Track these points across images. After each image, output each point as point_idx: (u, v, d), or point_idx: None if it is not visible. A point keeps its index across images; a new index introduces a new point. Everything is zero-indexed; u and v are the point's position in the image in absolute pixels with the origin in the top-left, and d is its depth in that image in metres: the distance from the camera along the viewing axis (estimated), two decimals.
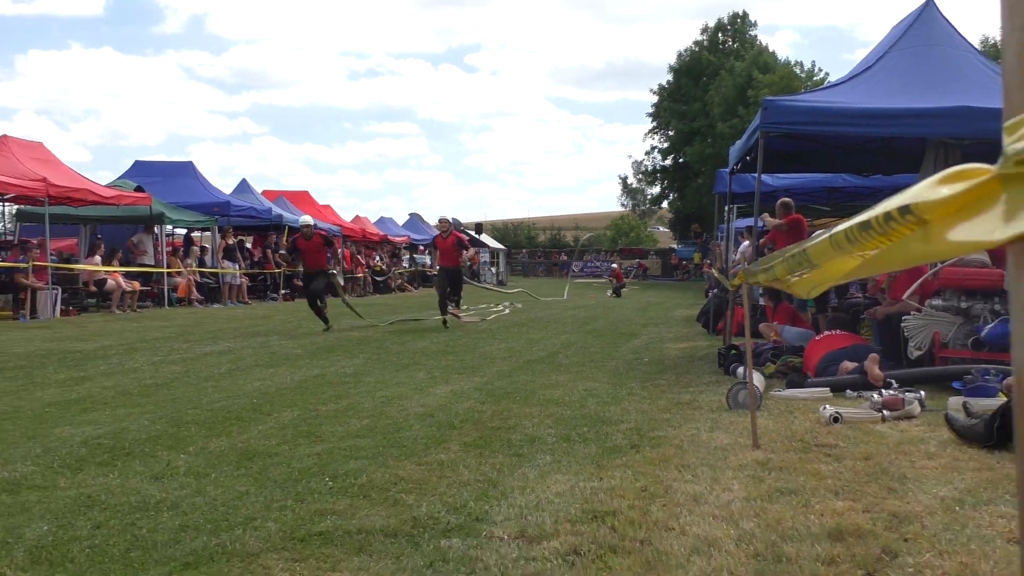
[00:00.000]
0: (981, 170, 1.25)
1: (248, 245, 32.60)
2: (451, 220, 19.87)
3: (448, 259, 18.72)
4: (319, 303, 17.19)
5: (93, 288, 23.32)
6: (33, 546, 4.05)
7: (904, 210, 1.49)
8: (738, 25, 69.14)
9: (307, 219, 18.00)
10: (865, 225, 1.77)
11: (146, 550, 3.99)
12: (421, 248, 53.71)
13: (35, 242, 21.92)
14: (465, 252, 19.04)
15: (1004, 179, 1.17)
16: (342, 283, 21.40)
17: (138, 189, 26.20)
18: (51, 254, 22.41)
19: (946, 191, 1.33)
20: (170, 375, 10.27)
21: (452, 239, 18.55)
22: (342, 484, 5.14)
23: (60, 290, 21.67)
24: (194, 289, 27.01)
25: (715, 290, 18.56)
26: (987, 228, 1.21)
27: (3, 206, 24.87)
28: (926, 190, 1.41)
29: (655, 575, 3.64)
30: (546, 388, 9.15)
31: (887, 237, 1.67)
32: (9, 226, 26.62)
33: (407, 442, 6.37)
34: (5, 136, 23.41)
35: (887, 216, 1.59)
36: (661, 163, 72.91)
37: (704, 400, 8.34)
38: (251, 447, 6.22)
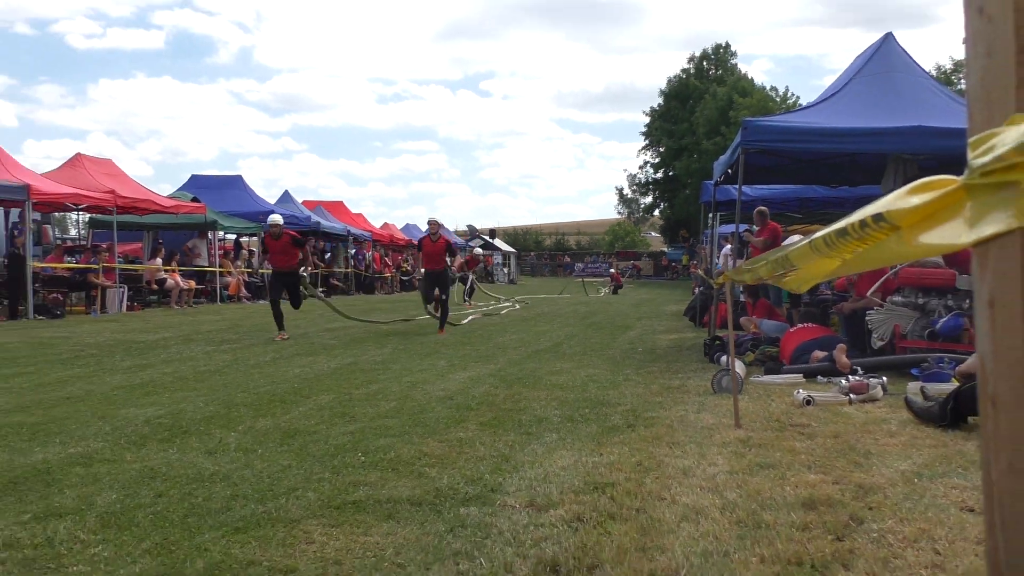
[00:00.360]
0: (948, 181, 1.25)
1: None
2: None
3: (434, 262, 15.88)
4: (293, 304, 14.87)
5: (155, 286, 23.39)
6: (103, 512, 4.06)
7: (878, 217, 1.49)
8: (720, 54, 69.04)
9: (275, 218, 14.89)
10: (842, 232, 1.77)
11: (201, 516, 3.99)
12: None
13: (105, 246, 22.03)
14: (452, 258, 16.35)
15: (969, 189, 1.17)
16: (310, 282, 18.24)
17: (194, 199, 26.27)
18: (118, 257, 22.48)
19: (916, 200, 1.33)
20: (221, 363, 10.29)
21: (442, 243, 15.78)
22: (373, 459, 5.14)
23: (126, 288, 21.75)
24: (243, 287, 27.08)
25: (701, 288, 18.51)
26: (954, 233, 1.20)
27: (77, 215, 24.94)
28: (897, 200, 1.41)
29: (649, 540, 3.63)
30: (552, 374, 9.13)
31: (863, 241, 1.67)
32: (82, 232, 26.70)
33: (430, 422, 6.37)
34: (79, 154, 23.58)
35: (862, 223, 1.59)
36: (653, 176, 72.84)
37: (692, 385, 8.33)
38: (293, 426, 6.23)
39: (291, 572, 3.26)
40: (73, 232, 27.04)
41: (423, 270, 16.53)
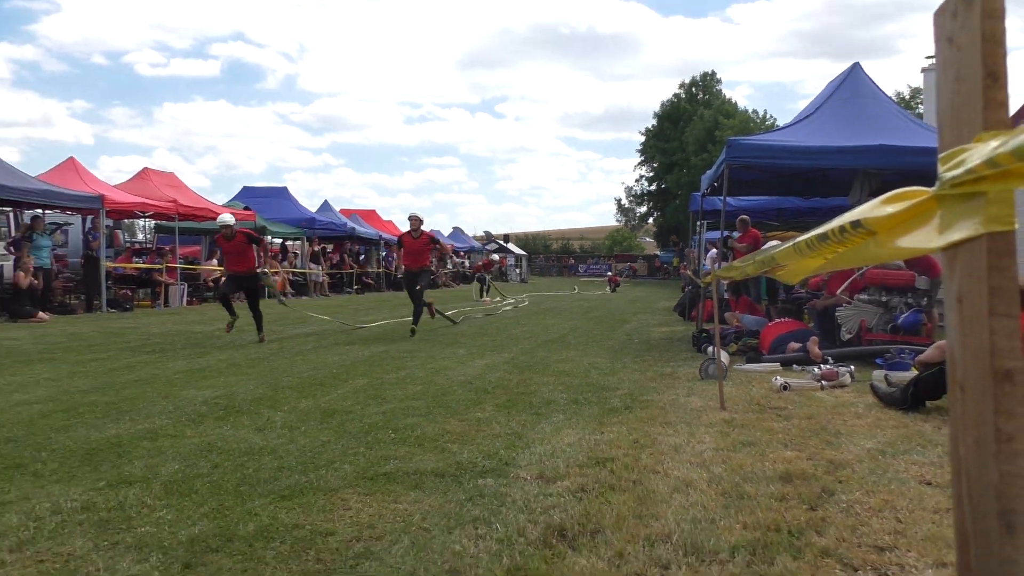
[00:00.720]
0: (920, 192, 1.24)
1: (328, 251, 32.70)
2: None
3: (414, 260, 13.52)
4: (253, 309, 12.36)
5: (211, 284, 23.44)
6: (167, 480, 4.07)
7: (856, 224, 1.48)
8: (707, 81, 68.68)
9: (225, 217, 12.13)
10: (823, 236, 1.76)
11: (252, 485, 4.00)
12: (461, 252, 53.77)
13: (168, 249, 22.12)
14: (438, 249, 14.44)
15: (940, 199, 1.16)
16: (276, 282, 14.39)
17: (246, 208, 26.33)
18: (179, 258, 22.57)
19: (890, 209, 1.33)
20: (268, 351, 10.31)
21: (424, 239, 13.58)
22: (402, 436, 5.14)
23: (186, 285, 21.83)
24: (288, 285, 27.14)
25: (689, 287, 18.46)
26: (926, 237, 1.20)
27: (144, 221, 25.04)
28: (873, 209, 1.40)
29: (645, 508, 3.61)
30: (559, 362, 9.11)
31: (842, 244, 1.67)
32: (149, 236, 26.82)
33: (452, 403, 6.36)
34: (146, 168, 23.71)
35: (841, 229, 1.59)
36: (647, 188, 72.52)
37: (682, 372, 8.29)
38: (331, 406, 6.23)
39: (331, 534, 3.26)
40: (140, 236, 27.13)
41: (403, 268, 13.86)
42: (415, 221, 13.75)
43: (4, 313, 15.68)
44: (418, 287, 13.28)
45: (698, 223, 18.44)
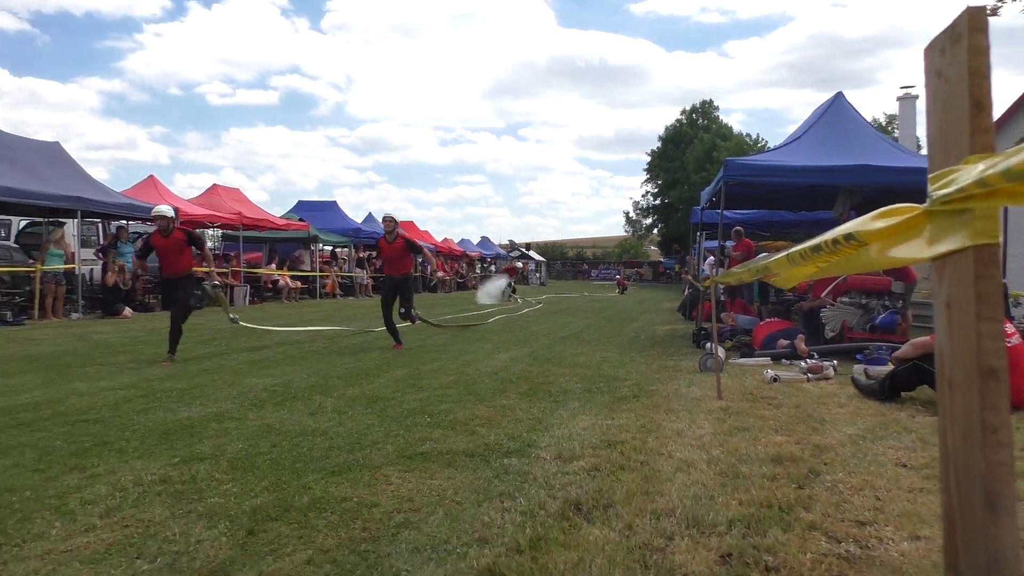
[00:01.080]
0: (911, 208, 1.22)
1: (372, 257, 32.86)
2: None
3: (394, 267, 10.49)
4: (179, 320, 8.73)
5: (270, 286, 23.61)
6: (232, 458, 4.08)
7: (849, 236, 1.46)
8: (706, 108, 68.25)
9: (161, 209, 8.95)
10: (816, 247, 1.74)
11: (306, 462, 4.00)
12: (488, 260, 53.74)
13: (233, 255, 22.29)
14: (418, 257, 11.18)
15: (930, 215, 1.14)
16: (221, 290, 10.76)
17: (300, 219, 26.50)
18: (243, 263, 22.74)
19: (881, 224, 1.30)
20: (321, 345, 10.34)
21: (400, 243, 10.41)
22: (436, 420, 5.13)
23: (249, 287, 21.98)
24: (337, 287, 27.29)
25: (690, 290, 18.37)
26: (916, 249, 1.18)
27: (213, 231, 25.25)
28: (866, 223, 1.38)
29: (651, 486, 3.58)
30: (574, 356, 9.08)
31: (834, 255, 1.64)
32: (217, 244, 27.05)
33: (480, 392, 6.35)
34: (215, 185, 23.92)
35: (835, 241, 1.56)
36: (653, 202, 72.28)
37: (683, 365, 8.23)
38: (375, 394, 6.24)
39: (375, 506, 3.25)
40: (210, 243, 27.34)
41: (384, 276, 10.94)
42: (388, 223, 10.51)
43: (97, 310, 15.88)
44: (402, 306, 10.33)
45: (698, 233, 18.35)
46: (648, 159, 70.99)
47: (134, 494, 3.41)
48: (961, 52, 1.04)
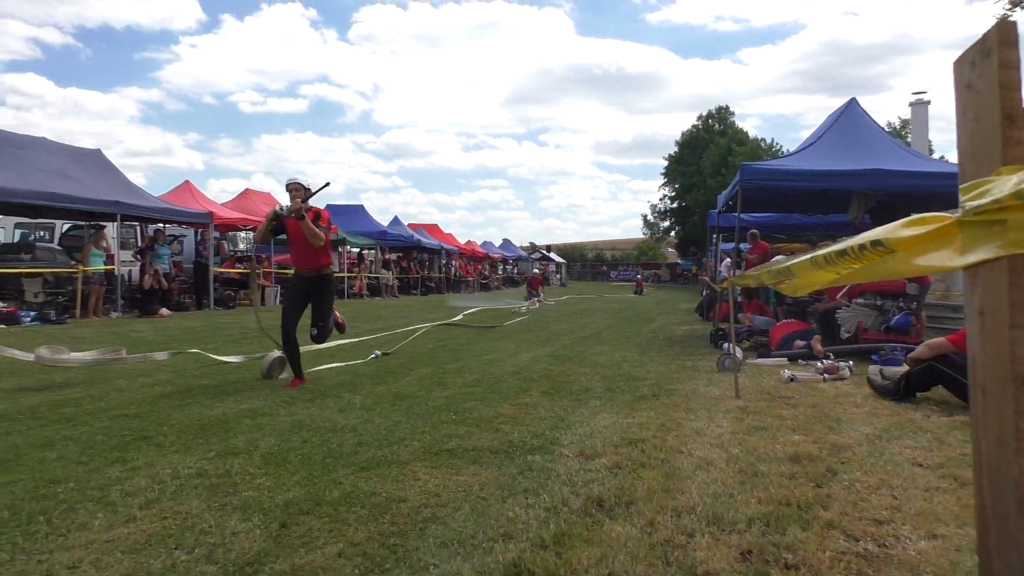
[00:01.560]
0: (943, 218, 1.20)
1: (396, 258, 33.01)
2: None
3: (304, 258, 6.63)
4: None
5: None
6: (265, 452, 4.10)
7: (876, 243, 1.43)
8: (722, 114, 67.85)
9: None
10: (842, 252, 1.71)
11: (336, 458, 4.01)
12: (510, 261, 53.74)
13: (264, 256, 22.46)
14: (322, 241, 6.47)
15: (962, 224, 1.12)
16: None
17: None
18: (274, 264, 22.90)
19: (909, 232, 1.28)
20: (346, 344, 10.38)
21: (310, 215, 6.46)
22: (462, 417, 5.13)
23: (279, 287, 22.13)
24: (364, 287, 27.41)
25: (707, 291, 18.25)
26: (946, 257, 1.16)
27: (245, 233, 25.46)
28: (895, 230, 1.36)
29: (672, 484, 3.55)
30: (594, 355, 9.05)
31: (859, 260, 1.61)
32: (248, 246, 27.26)
33: (503, 390, 6.34)
34: (247, 189, 24.16)
35: (861, 247, 1.53)
36: (670, 206, 71.97)
37: (702, 365, 8.17)
38: (401, 392, 6.25)
39: (403, 501, 3.25)
40: (242, 245, 27.56)
41: (292, 272, 6.96)
42: (296, 190, 6.47)
43: (134, 310, 16.06)
44: (314, 324, 6.71)
45: (714, 236, 18.23)
46: (665, 164, 70.74)
47: (172, 487, 3.44)
48: (992, 66, 1.02)
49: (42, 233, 22.65)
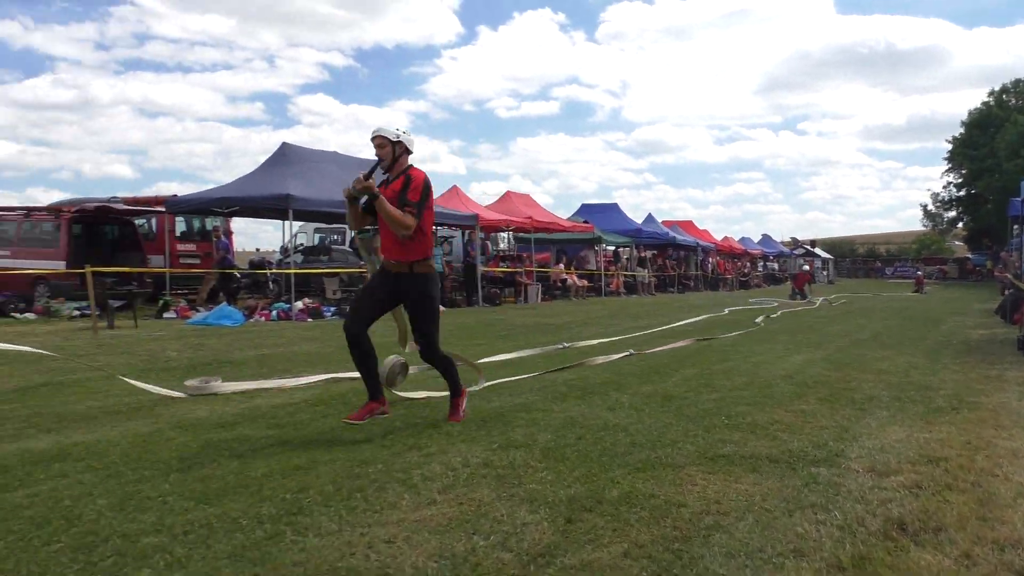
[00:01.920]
0: None
1: (652, 256, 32.85)
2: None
3: (392, 247, 4.76)
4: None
5: (559, 284, 24.53)
6: (543, 447, 4.26)
7: None
8: (1019, 88, 58.91)
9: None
10: None
11: (611, 456, 4.05)
12: (771, 257, 51.21)
13: (526, 256, 23.51)
14: (408, 229, 4.59)
15: None
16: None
17: (584, 222, 27.20)
18: (535, 263, 23.88)
19: None
20: (608, 342, 10.49)
21: (398, 184, 4.69)
22: (734, 422, 4.95)
23: (540, 285, 23.03)
24: (621, 285, 27.64)
25: (1010, 290, 15.98)
26: None
27: (507, 233, 26.79)
28: None
29: (988, 511, 3.15)
30: (875, 360, 8.29)
31: None
32: (510, 245, 28.65)
33: (776, 395, 6.03)
34: (508, 191, 25.37)
35: None
36: (956, 194, 64.01)
37: (1010, 376, 7.16)
38: (668, 392, 6.17)
39: (682, 506, 3.22)
40: (503, 245, 29.04)
41: (380, 263, 4.99)
42: (383, 144, 4.80)
43: None
44: (418, 334, 4.97)
45: (1015, 227, 15.91)
46: (949, 147, 62.99)
47: (464, 474, 3.70)
48: None
49: (335, 237, 25.68)
